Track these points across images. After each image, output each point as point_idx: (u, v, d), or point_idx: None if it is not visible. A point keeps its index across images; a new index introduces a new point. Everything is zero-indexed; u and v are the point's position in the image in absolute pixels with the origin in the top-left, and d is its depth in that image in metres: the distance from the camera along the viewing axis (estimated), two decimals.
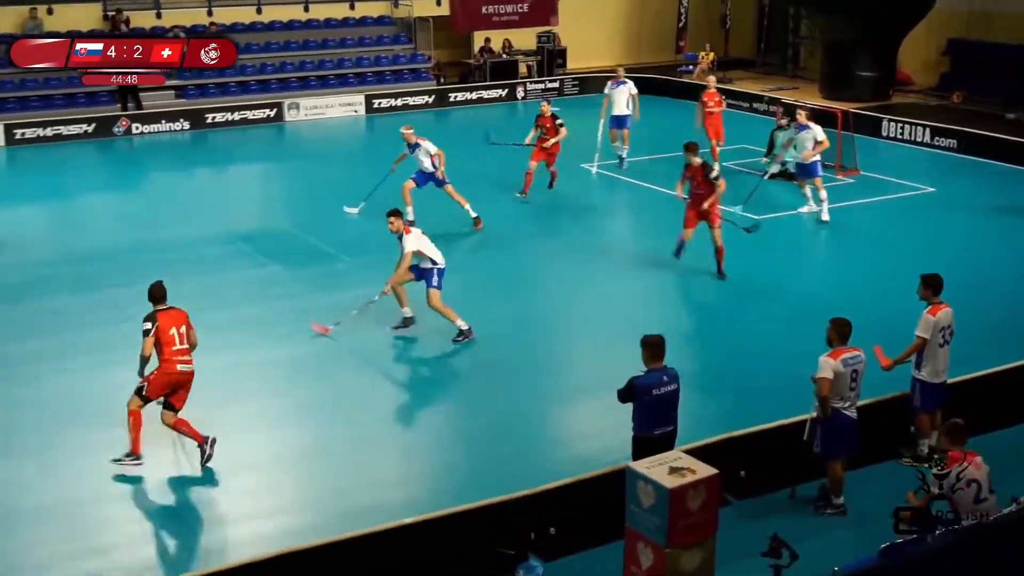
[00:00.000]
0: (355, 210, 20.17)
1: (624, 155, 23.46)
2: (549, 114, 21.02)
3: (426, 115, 31.03)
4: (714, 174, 16.51)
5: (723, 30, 36.62)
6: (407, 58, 32.95)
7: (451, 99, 32.20)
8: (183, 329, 11.27)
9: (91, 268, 17.52)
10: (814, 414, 10.42)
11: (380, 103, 31.09)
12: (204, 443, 11.25)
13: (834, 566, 8.49)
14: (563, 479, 10.23)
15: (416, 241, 14.21)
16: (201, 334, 11.60)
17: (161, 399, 11.29)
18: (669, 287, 17.01)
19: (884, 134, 27.15)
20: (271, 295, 16.39)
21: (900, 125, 27.07)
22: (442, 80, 33.19)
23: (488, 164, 23.23)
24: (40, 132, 27.01)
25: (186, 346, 11.26)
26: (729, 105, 30.63)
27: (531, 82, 33.55)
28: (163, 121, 28.41)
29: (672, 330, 11.83)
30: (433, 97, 31.96)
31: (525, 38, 34.39)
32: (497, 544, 9.38)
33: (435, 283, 14.27)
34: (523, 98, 33.12)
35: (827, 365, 10.20)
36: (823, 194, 19.47)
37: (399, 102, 31.27)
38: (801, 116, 20.05)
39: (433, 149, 19.07)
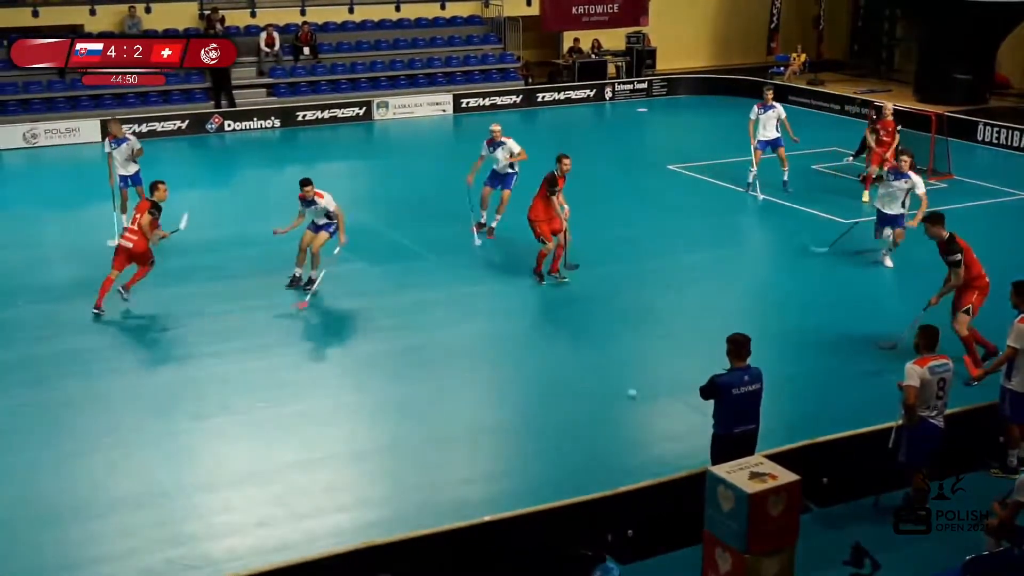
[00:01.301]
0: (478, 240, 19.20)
1: (786, 178, 21.91)
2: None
3: (513, 115, 31.07)
4: (955, 258, 13.69)
5: (816, 31, 36.11)
6: (496, 58, 33.03)
7: (539, 99, 32.21)
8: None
9: (180, 263, 17.79)
10: (900, 422, 10.24)
11: (468, 102, 31.21)
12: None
13: None
14: (642, 481, 10.18)
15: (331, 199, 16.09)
16: (284, 329, 11.74)
17: None
18: (777, 289, 16.88)
19: (979, 138, 26.59)
20: (352, 291, 16.53)
21: (996, 129, 26.49)
22: (530, 80, 33.21)
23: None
24: (135, 128, 27.46)
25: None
26: (820, 107, 30.35)
27: (620, 83, 33.42)
28: (255, 119, 28.82)
29: (764, 330, 11.70)
30: (521, 97, 31.99)
31: (614, 38, 34.27)
32: (574, 545, 9.34)
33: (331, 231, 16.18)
34: (611, 99, 33.00)
35: (914, 372, 10.02)
36: (897, 242, 17.48)
37: (487, 102, 31.36)
38: (904, 163, 17.06)
39: (516, 149, 18.87)
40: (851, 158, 23.17)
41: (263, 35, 30.02)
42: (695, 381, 10.00)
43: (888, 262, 17.51)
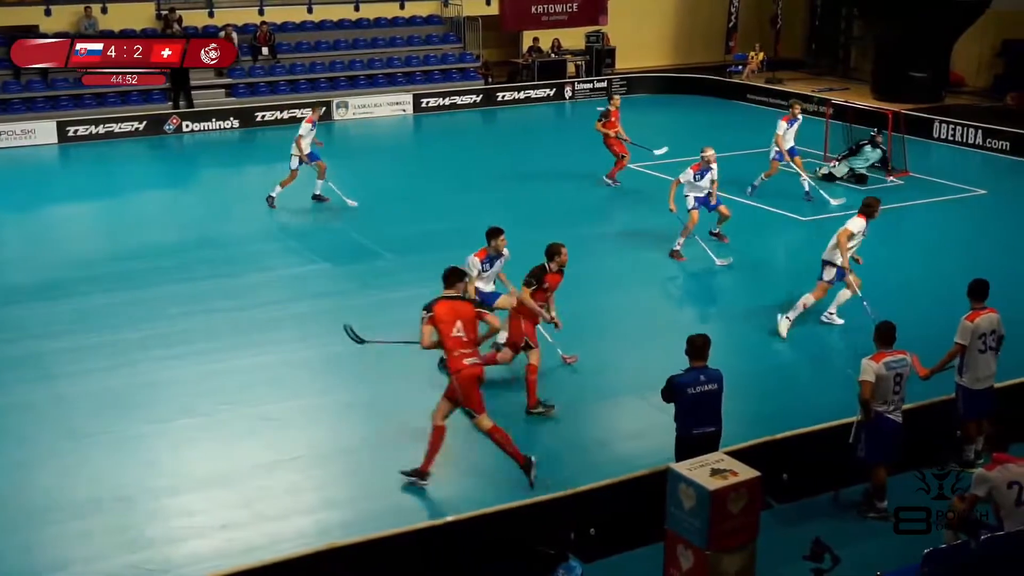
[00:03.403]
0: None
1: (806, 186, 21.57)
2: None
3: (473, 114, 31.13)
4: None
5: (773, 30, 36.34)
6: (456, 57, 33.02)
7: (499, 98, 32.23)
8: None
9: (141, 265, 17.71)
10: (859, 417, 10.35)
11: (428, 102, 31.19)
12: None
13: (877, 572, 8.45)
14: (604, 479, 10.23)
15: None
16: (248, 330, 11.71)
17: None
18: (728, 289, 16.96)
19: (935, 136, 26.87)
20: (315, 292, 16.49)
21: (952, 127, 26.78)
22: (490, 79, 33.23)
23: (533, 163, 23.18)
24: (92, 130, 27.34)
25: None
26: (779, 106, 30.53)
27: (579, 82, 33.51)
28: (213, 119, 28.66)
29: (722, 331, 11.78)
30: (481, 96, 32.01)
31: (574, 38, 34.36)
32: (538, 544, 9.38)
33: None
34: (571, 98, 33.09)
35: (869, 368, 10.13)
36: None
37: (447, 101, 31.36)
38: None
39: (715, 175, 17.80)
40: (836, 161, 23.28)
41: (221, 35, 29.84)
42: (658, 379, 10.06)
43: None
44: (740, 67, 34.60)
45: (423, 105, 31.10)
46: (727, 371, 10.14)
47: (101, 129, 27.31)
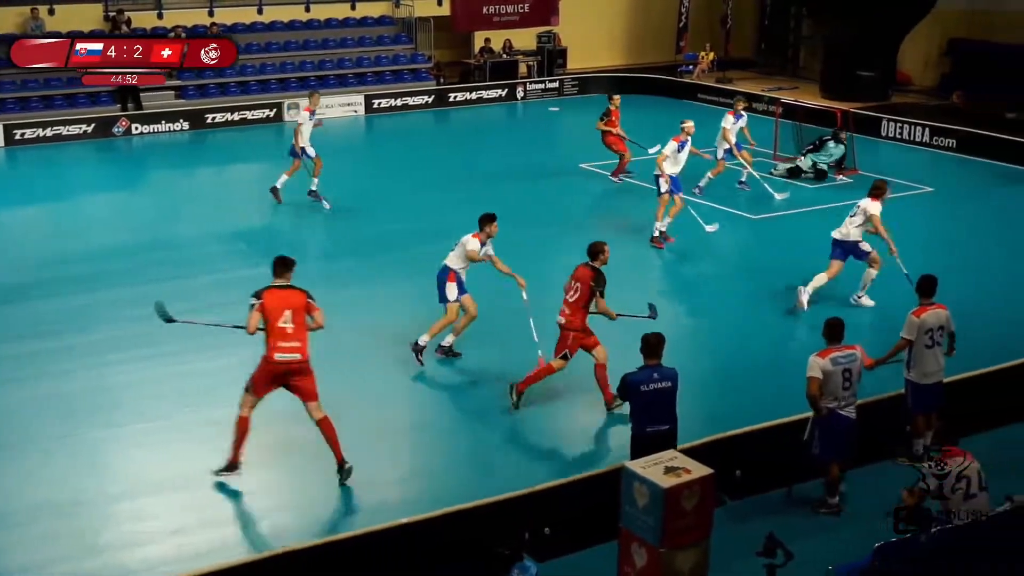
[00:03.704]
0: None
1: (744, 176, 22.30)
2: None
3: (425, 115, 31.08)
4: None
5: (723, 30, 36.58)
6: (407, 58, 32.96)
7: (451, 99, 32.20)
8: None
9: (91, 268, 17.54)
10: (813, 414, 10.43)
11: (380, 103, 31.10)
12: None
13: (829, 566, 8.53)
14: (559, 479, 10.25)
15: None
16: (201, 333, 11.62)
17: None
18: (682, 287, 17.03)
19: (883, 134, 27.18)
20: None
21: (899, 125, 27.09)
22: (442, 80, 33.19)
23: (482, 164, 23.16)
24: (40, 132, 27.01)
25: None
26: (730, 106, 30.71)
27: (531, 82, 33.55)
28: (163, 121, 28.42)
29: (677, 329, 11.84)
30: (433, 97, 31.96)
31: (525, 38, 34.39)
32: (492, 544, 9.38)
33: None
34: (523, 98, 33.13)
35: (815, 364, 10.21)
36: None
37: (399, 102, 31.29)
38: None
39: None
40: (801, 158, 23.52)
41: (171, 35, 29.57)
42: (614, 378, 10.12)
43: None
44: (691, 67, 34.80)
45: (375, 106, 31.01)
46: (681, 367, 10.20)
47: (49, 132, 27.00)
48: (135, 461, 11.72)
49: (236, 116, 29.08)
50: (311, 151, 20.76)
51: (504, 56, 33.82)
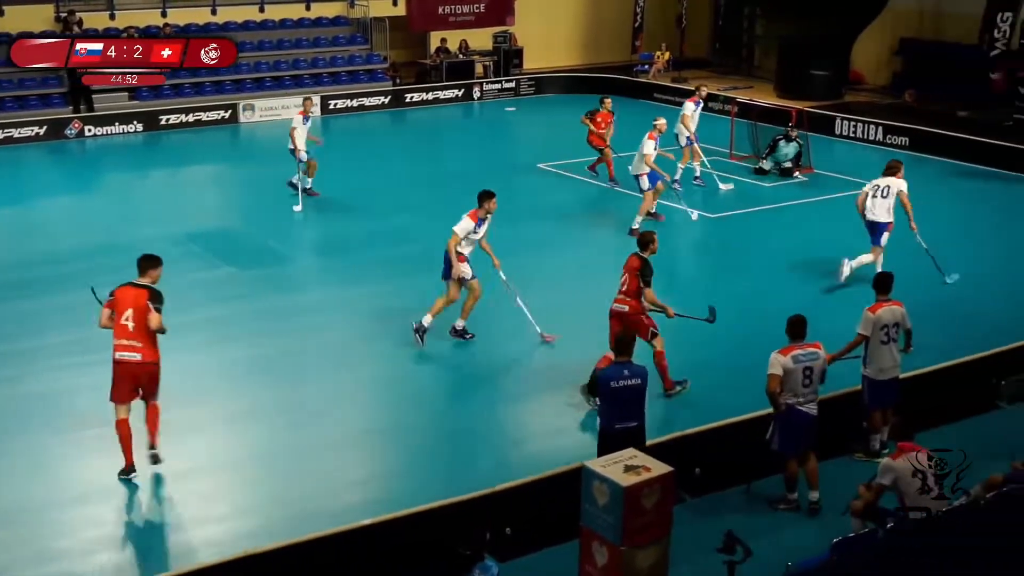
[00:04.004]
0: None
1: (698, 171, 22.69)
2: None
3: (382, 116, 31.01)
4: None
5: (678, 30, 36.75)
6: (363, 58, 32.85)
7: (407, 100, 32.14)
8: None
9: (45, 272, 17.34)
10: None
11: (336, 104, 30.98)
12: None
13: (788, 562, 8.58)
14: (520, 479, 10.26)
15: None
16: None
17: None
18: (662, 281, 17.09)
19: (837, 132, 27.40)
20: (224, 296, 16.30)
21: (853, 123, 27.33)
22: (398, 81, 33.11)
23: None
24: None
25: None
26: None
27: (488, 82, 33.54)
28: (116, 123, 28.14)
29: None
30: (389, 98, 31.88)
31: (481, 38, 34.38)
32: (454, 545, 9.37)
33: None
34: (480, 98, 33.12)
35: (776, 361, 10.29)
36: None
37: (355, 103, 31.19)
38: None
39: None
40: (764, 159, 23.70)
41: (124, 36, 29.30)
42: (574, 377, 10.14)
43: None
44: (646, 67, 34.91)
45: (331, 107, 30.88)
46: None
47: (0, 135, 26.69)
48: (86, 467, 11.59)
49: (191, 118, 28.86)
50: (303, 155, 20.89)
51: (460, 56, 33.80)
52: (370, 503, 10.60)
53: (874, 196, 16.34)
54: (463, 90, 32.98)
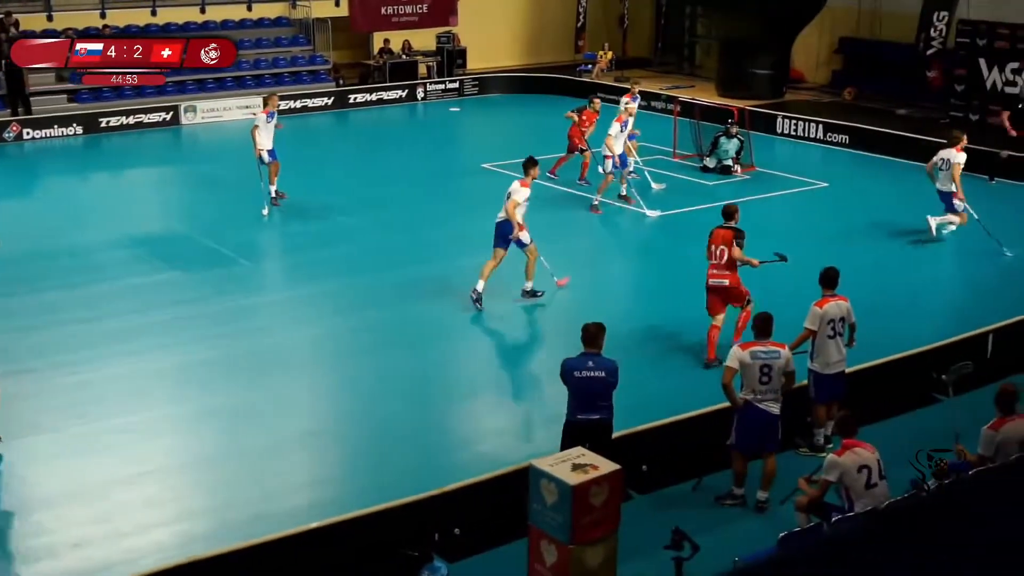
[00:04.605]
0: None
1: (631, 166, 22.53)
2: None
3: (325, 117, 30.86)
4: None
5: (621, 29, 36.94)
6: (305, 59, 32.67)
7: (351, 100, 32.01)
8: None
9: None
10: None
11: (279, 105, 30.70)
12: None
13: (735, 556, 8.65)
14: (468, 479, 10.26)
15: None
16: (101, 342, 11.42)
17: None
18: (600, 283, 17.16)
19: (779, 131, 27.65)
20: (170, 300, 16.15)
21: (794, 122, 27.60)
22: (341, 82, 32.97)
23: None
24: None
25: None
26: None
27: (431, 83, 33.50)
28: (55, 126, 27.76)
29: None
30: (332, 99, 31.74)
31: (425, 39, 34.33)
32: (402, 546, 9.36)
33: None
34: (423, 99, 33.07)
35: (734, 355, 10.37)
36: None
37: (298, 104, 30.99)
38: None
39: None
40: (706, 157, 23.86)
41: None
42: (518, 378, 10.17)
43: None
44: (590, 66, 35.04)
45: None
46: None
47: None
48: (30, 474, 11.45)
49: (131, 120, 28.54)
50: (267, 156, 20.45)
51: (403, 57, 33.73)
52: (318, 505, 10.56)
53: (938, 168, 18.12)
54: (407, 91, 32.91)
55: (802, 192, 22.39)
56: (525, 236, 15.46)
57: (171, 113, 29.13)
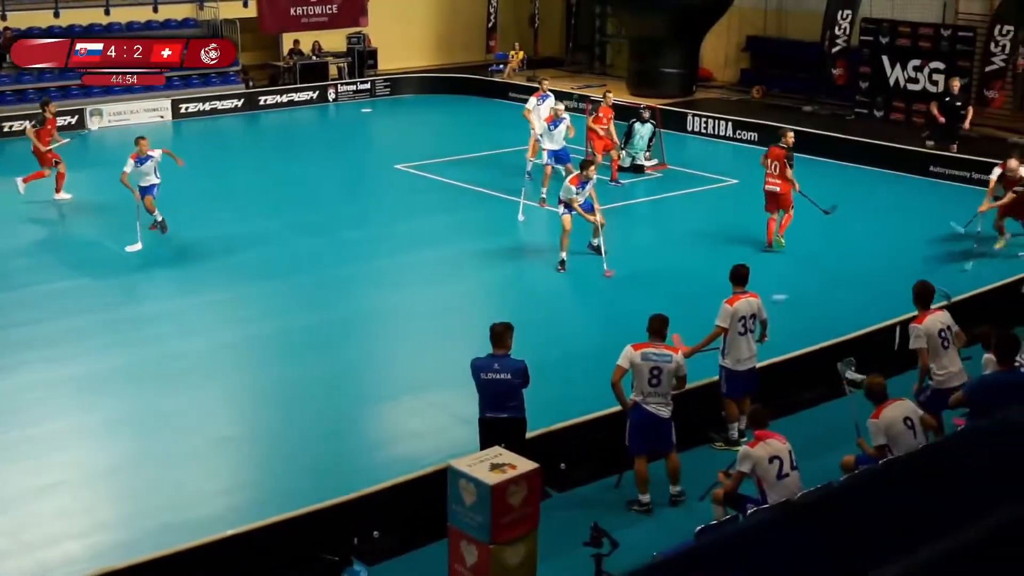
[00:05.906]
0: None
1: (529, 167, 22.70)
2: None
3: (236, 119, 30.52)
4: None
5: (532, 29, 37.05)
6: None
7: (261, 102, 31.67)
8: None
9: None
10: None
11: (187, 108, 30.37)
12: None
13: (654, 551, 8.73)
14: (385, 481, 10.22)
15: None
16: (6, 351, 11.17)
17: None
18: (513, 279, 17.21)
19: (689, 129, 27.94)
20: (79, 308, 15.85)
21: (704, 120, 27.91)
22: (251, 83, 32.61)
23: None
24: None
25: None
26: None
27: (342, 84, 33.30)
28: None
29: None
30: (242, 100, 31.38)
31: (335, 39, 34.09)
32: (320, 551, 9.30)
33: None
34: (335, 100, 32.85)
35: (625, 354, 10.36)
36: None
37: (207, 106, 30.61)
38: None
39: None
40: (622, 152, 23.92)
41: None
42: (435, 378, 10.15)
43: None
44: (501, 66, 35.09)
45: (182, 111, 30.25)
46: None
47: None
48: None
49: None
50: (139, 192, 18.38)
51: (314, 58, 33.47)
52: (233, 512, 10.44)
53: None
54: (318, 92, 32.66)
55: (712, 189, 22.65)
56: (564, 211, 16.93)
57: (76, 117, 28.51)
